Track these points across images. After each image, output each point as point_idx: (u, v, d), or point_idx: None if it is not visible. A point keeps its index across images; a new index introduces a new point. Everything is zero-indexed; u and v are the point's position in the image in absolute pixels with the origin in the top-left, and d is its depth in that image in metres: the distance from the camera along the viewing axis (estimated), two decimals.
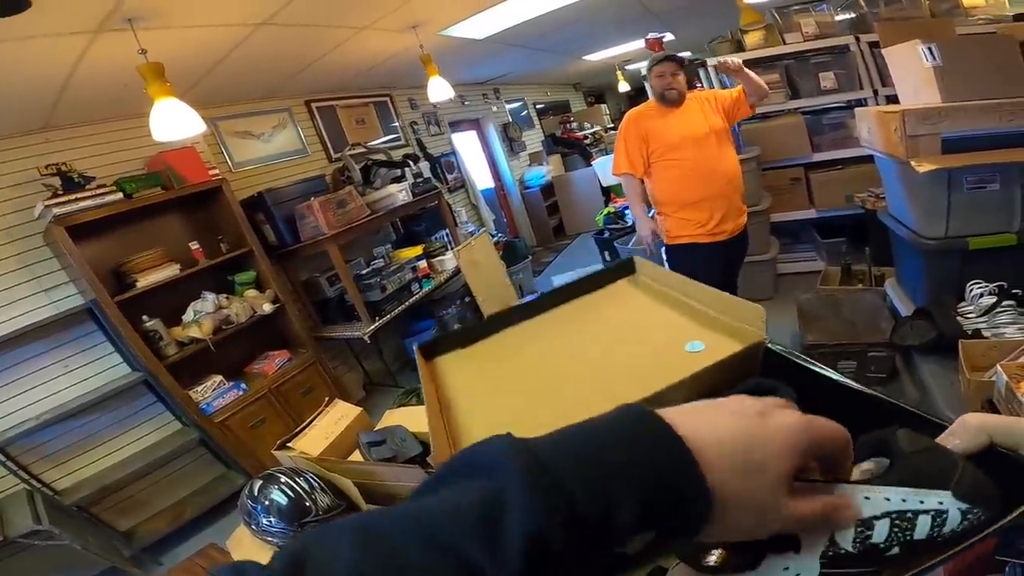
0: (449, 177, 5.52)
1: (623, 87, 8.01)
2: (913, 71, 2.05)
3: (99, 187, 2.68)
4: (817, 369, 0.52)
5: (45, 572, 2.63)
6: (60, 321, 2.73)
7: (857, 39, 3.18)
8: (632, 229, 4.85)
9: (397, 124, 5.08)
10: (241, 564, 0.27)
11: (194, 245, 3.04)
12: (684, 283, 0.84)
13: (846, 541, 0.29)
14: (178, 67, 2.43)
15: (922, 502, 0.29)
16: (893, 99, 2.71)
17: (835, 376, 0.50)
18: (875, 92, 3.19)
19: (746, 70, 2.35)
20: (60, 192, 2.56)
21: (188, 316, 2.96)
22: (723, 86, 3.54)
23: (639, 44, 5.92)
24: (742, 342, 0.64)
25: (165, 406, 3.12)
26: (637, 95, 9.98)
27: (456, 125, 6.11)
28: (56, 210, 2.49)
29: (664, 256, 2.66)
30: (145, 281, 2.78)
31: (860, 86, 3.23)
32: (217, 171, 3.16)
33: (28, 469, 2.67)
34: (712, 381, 0.60)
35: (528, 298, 1.00)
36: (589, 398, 0.66)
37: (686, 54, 3.83)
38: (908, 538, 0.29)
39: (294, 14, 2.56)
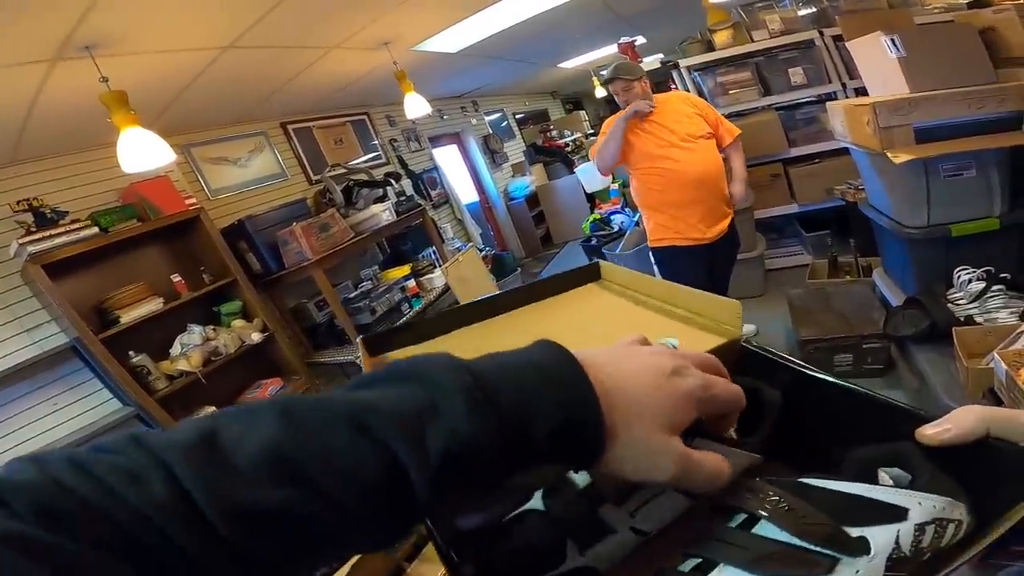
0: (432, 193, 5.50)
1: (600, 92, 8.01)
2: (879, 63, 2.09)
3: (73, 222, 2.63)
4: (795, 366, 0.51)
5: None
6: (45, 360, 2.66)
7: (821, 33, 3.23)
8: (618, 235, 4.87)
9: (377, 142, 5.07)
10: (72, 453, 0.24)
11: (176, 277, 2.99)
12: (654, 284, 0.82)
13: (906, 544, 0.31)
14: (144, 94, 2.40)
15: (951, 511, 0.31)
16: (862, 91, 2.76)
17: (817, 373, 0.49)
18: (843, 85, 3.23)
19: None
20: (33, 229, 2.51)
21: (175, 349, 2.90)
22: (697, 88, 3.58)
23: (613, 49, 5.98)
24: (717, 339, 0.62)
25: None
26: (614, 100, 10.06)
27: (436, 140, 6.10)
28: (31, 248, 2.44)
29: (651, 259, 2.66)
30: (128, 316, 2.73)
31: (828, 80, 3.28)
32: (194, 200, 3.11)
33: None
34: None
35: (484, 296, 0.95)
36: None
37: (657, 56, 3.89)
38: (939, 545, 0.31)
39: (259, 36, 2.54)
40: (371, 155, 4.94)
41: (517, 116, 8.10)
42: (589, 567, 0.39)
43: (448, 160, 6.37)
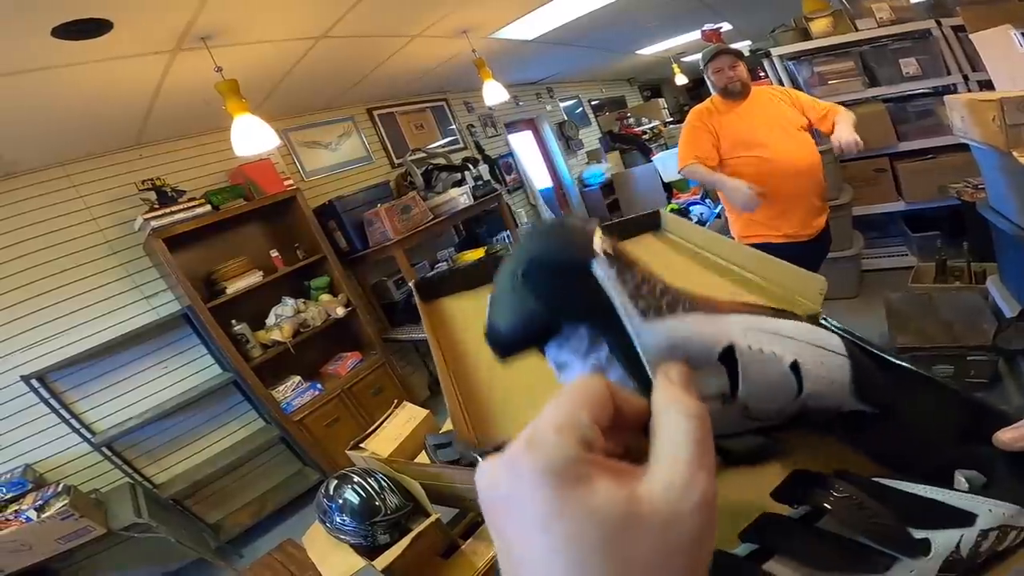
0: (508, 178, 5.56)
1: (680, 80, 7.76)
2: (1007, 57, 1.91)
3: (189, 200, 2.89)
4: (878, 352, 0.47)
5: (140, 563, 2.84)
6: (160, 326, 2.99)
7: (939, 23, 2.94)
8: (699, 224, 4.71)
9: (455, 127, 5.17)
10: None
11: (274, 252, 3.23)
12: (720, 242, 0.71)
13: (965, 548, 0.31)
14: (250, 82, 2.58)
15: (1019, 519, 0.31)
16: (987, 84, 2.51)
17: (899, 361, 0.46)
18: (965, 78, 2.93)
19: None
20: (156, 206, 2.78)
21: (270, 320, 3.15)
22: (791, 78, 3.37)
23: (694, 36, 5.73)
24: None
25: (251, 405, 3.33)
26: (695, 87, 9.64)
27: (512, 126, 6.14)
28: (154, 223, 2.71)
29: None
30: (233, 288, 2.98)
31: (947, 72, 2.99)
32: (291, 181, 3.34)
33: (132, 464, 2.91)
34: None
35: None
36: None
37: (745, 43, 3.68)
38: (996, 548, 0.31)
39: (349, 26, 2.67)
40: (449, 140, 5.05)
41: (593, 103, 7.97)
42: None
43: (523, 146, 6.40)
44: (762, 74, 3.73)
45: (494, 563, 1.57)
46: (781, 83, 3.37)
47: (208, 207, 2.92)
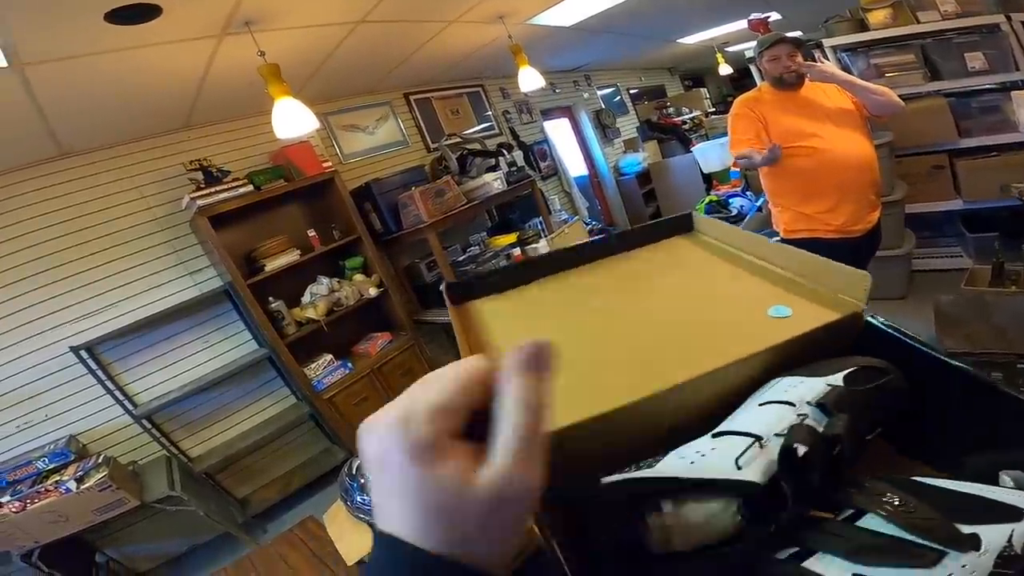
0: (542, 165, 5.52)
1: (724, 70, 7.51)
2: None
3: (233, 180, 2.97)
4: (926, 349, 0.46)
5: (168, 535, 2.95)
6: (202, 301, 3.10)
7: (1008, 18, 2.76)
8: (736, 218, 4.59)
9: (490, 113, 5.16)
10: None
11: (311, 232, 3.30)
12: (757, 242, 0.71)
13: (1019, 543, 0.31)
14: (291, 67, 2.63)
15: None
16: None
17: (952, 361, 0.45)
18: None
19: (854, 79, 2.06)
20: (203, 185, 2.88)
21: (306, 298, 3.23)
22: (844, 70, 3.22)
23: (739, 25, 5.53)
24: (836, 311, 0.55)
25: (283, 381, 3.43)
26: (740, 78, 9.33)
27: (548, 113, 6.07)
28: (200, 201, 2.80)
29: None
30: (272, 265, 3.07)
31: (1016, 67, 2.81)
32: (329, 163, 3.39)
33: (169, 437, 3.03)
34: (800, 353, 0.51)
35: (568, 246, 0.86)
36: (664, 363, 0.55)
37: (795, 34, 3.52)
38: None
39: (387, 11, 2.68)
40: (484, 125, 5.04)
41: (631, 91, 7.81)
42: None
43: (559, 133, 6.33)
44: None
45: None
46: None
47: (250, 187, 3.00)
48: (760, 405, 0.45)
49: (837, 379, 0.45)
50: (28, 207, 2.73)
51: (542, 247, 4.02)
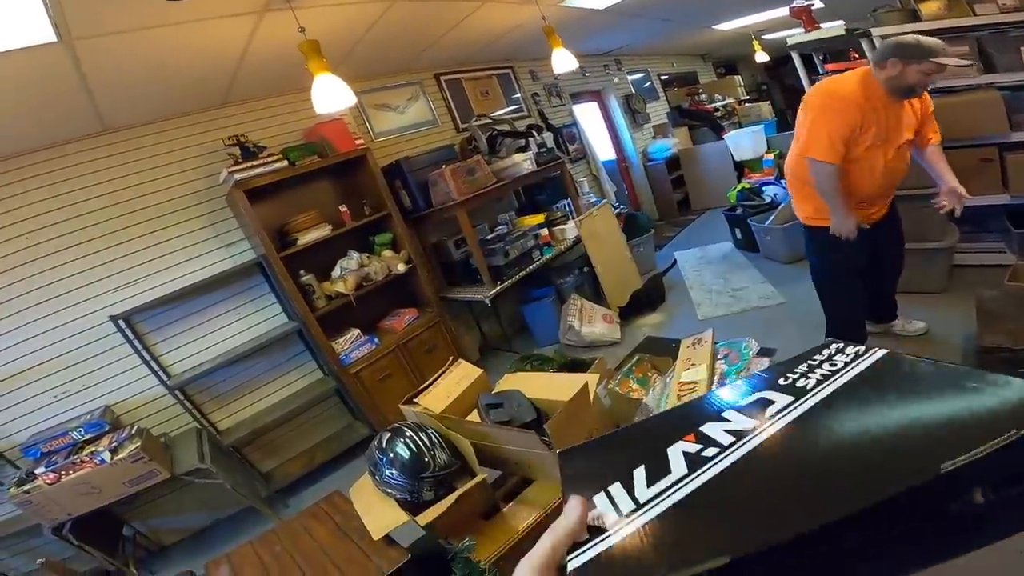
0: (570, 148, 5.48)
1: (760, 57, 7.34)
2: None
3: (269, 155, 3.03)
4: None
5: (194, 508, 3.01)
6: (237, 273, 3.17)
7: None
8: (769, 207, 4.48)
9: (519, 95, 5.14)
10: None
11: (342, 208, 3.35)
12: None
13: None
14: (328, 45, 2.61)
15: None
16: None
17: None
18: None
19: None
20: (240, 160, 2.93)
21: (336, 272, 3.27)
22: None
23: (778, 12, 5.36)
24: None
25: (311, 355, 3.49)
26: (775, 66, 9.07)
27: (577, 96, 6.03)
28: (237, 175, 2.86)
29: (808, 236, 2.40)
30: (303, 239, 3.12)
31: None
32: (362, 141, 3.43)
33: (200, 409, 3.10)
34: None
35: None
36: None
37: (839, 23, 3.41)
38: None
39: None
40: (513, 107, 5.03)
41: (662, 77, 7.68)
42: None
43: (588, 117, 6.28)
44: (854, 56, 3.45)
45: (533, 528, 1.57)
46: None
47: (285, 162, 3.04)
48: None
49: None
50: (72, 180, 2.82)
51: (570, 229, 4.00)
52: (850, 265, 2.27)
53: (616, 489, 0.38)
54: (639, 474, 0.39)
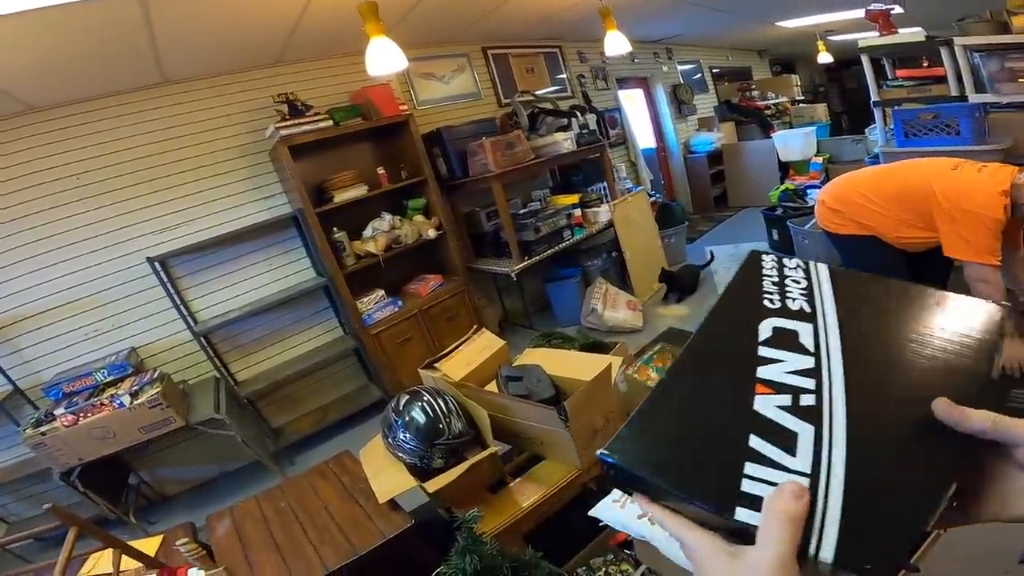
0: (611, 132, 5.40)
1: (824, 58, 7.05)
2: None
3: (315, 114, 3.08)
4: None
5: (202, 460, 3.07)
6: (272, 225, 3.25)
7: None
8: (810, 210, 4.35)
9: (564, 76, 5.08)
10: None
11: (380, 170, 3.39)
12: None
13: None
14: (384, 8, 2.63)
15: None
16: None
17: None
18: None
19: None
20: (287, 117, 3.00)
21: (367, 232, 3.33)
22: (972, 70, 2.97)
23: (853, 14, 5.12)
24: None
25: (334, 312, 3.57)
26: (838, 68, 8.70)
27: (623, 82, 5.92)
28: (283, 132, 2.93)
29: (839, 248, 2.37)
30: (340, 197, 3.18)
31: None
32: (405, 107, 3.45)
33: (221, 357, 3.18)
34: None
35: None
36: None
37: (917, 30, 3.25)
38: None
39: None
40: (557, 88, 4.98)
41: (714, 70, 7.47)
42: None
43: (632, 103, 6.18)
44: (926, 63, 3.31)
45: (536, 506, 1.57)
46: (958, 75, 3.03)
47: (330, 122, 3.10)
48: None
49: None
50: (127, 127, 2.91)
51: (603, 212, 3.97)
52: (889, 273, 2.20)
53: (758, 469, 0.35)
54: (763, 446, 0.36)
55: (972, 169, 1.92)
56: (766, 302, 0.45)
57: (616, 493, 1.23)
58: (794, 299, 0.44)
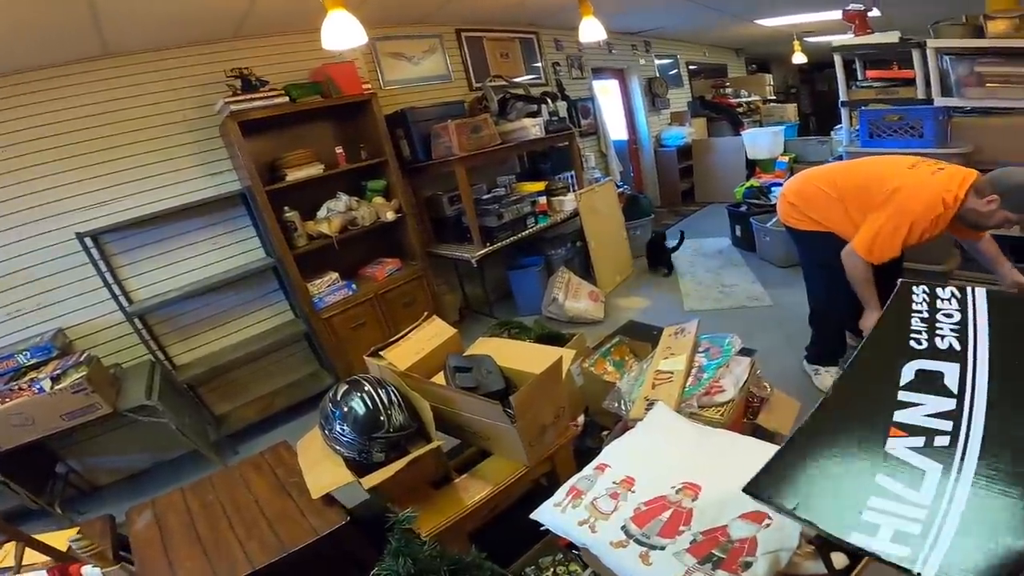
0: (583, 122, 5.35)
1: (798, 58, 7.17)
2: None
3: (270, 90, 2.93)
4: None
5: (135, 449, 2.88)
6: (218, 202, 3.07)
7: None
8: (773, 208, 4.39)
9: (540, 64, 4.99)
10: None
11: (339, 149, 3.25)
12: None
13: None
14: None
15: None
16: None
17: None
18: None
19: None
20: (239, 92, 2.84)
21: (321, 212, 3.20)
22: (941, 74, 2.99)
23: (831, 15, 5.15)
24: None
25: (284, 295, 3.40)
26: (811, 70, 8.83)
27: (599, 72, 5.87)
28: (233, 107, 2.77)
29: (798, 243, 2.38)
30: (293, 176, 3.03)
31: None
32: (369, 86, 3.31)
33: (159, 340, 2.99)
34: None
35: None
36: None
37: (894, 33, 3.27)
38: None
39: None
40: (532, 76, 4.89)
41: (691, 66, 7.51)
42: None
43: (606, 94, 6.14)
44: (897, 66, 3.33)
45: (483, 503, 1.51)
46: (927, 78, 3.04)
47: (286, 99, 2.95)
48: None
49: None
50: (63, 99, 2.69)
51: (569, 201, 3.91)
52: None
53: (880, 502, 0.39)
54: (889, 482, 0.40)
55: (928, 170, 1.91)
56: (912, 343, 0.47)
57: (558, 496, 1.18)
58: (943, 336, 0.46)
